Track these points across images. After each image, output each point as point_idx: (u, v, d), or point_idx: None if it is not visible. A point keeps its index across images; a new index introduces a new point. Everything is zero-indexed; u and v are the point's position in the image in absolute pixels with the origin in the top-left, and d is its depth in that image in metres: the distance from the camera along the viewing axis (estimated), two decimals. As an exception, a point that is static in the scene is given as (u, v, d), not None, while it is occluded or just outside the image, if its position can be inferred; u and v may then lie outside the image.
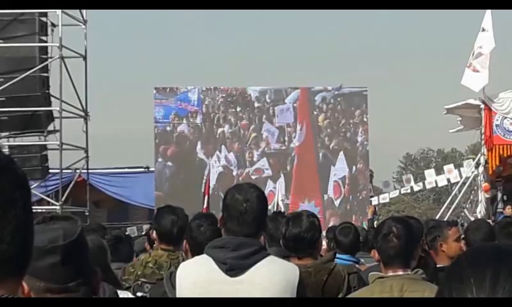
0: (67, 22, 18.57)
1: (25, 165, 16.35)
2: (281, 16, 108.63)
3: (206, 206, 13.32)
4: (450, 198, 22.79)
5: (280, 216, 6.38)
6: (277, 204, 16.45)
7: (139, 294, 5.36)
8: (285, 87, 24.54)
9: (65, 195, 18.35)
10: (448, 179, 22.39)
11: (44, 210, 15.68)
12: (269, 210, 5.24)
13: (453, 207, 22.41)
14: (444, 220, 11.00)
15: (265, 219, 4.19)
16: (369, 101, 23.78)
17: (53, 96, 18.09)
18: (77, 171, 19.78)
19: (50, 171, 18.50)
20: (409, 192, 26.52)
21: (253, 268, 3.87)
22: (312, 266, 5.12)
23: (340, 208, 23.19)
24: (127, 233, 6.85)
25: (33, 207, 1.57)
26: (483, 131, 20.28)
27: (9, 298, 1.36)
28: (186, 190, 22.53)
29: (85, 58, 19.02)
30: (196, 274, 3.96)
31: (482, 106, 20.13)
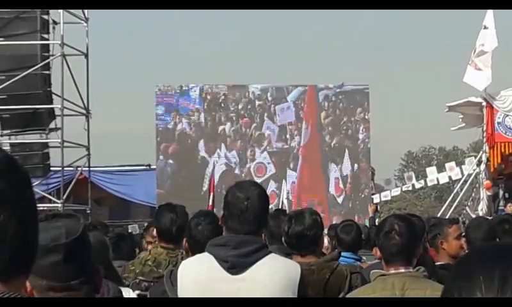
0: (69, 20, 18.56)
1: (26, 163, 16.35)
2: (282, 15, 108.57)
3: (211, 204, 13.31)
4: (451, 196, 22.74)
5: (282, 214, 6.38)
6: (282, 202, 16.43)
7: (136, 292, 5.34)
8: (287, 84, 24.54)
9: (67, 193, 18.34)
10: (449, 177, 22.36)
11: (45, 208, 15.68)
12: (271, 208, 5.24)
13: (455, 205, 22.36)
14: (445, 218, 10.98)
15: (266, 217, 4.18)
16: (371, 99, 23.80)
17: (55, 94, 18.08)
18: (79, 169, 19.76)
19: (51, 169, 18.51)
20: (410, 189, 26.51)
21: (255, 266, 3.86)
22: (315, 264, 5.12)
23: (343, 206, 23.19)
24: (130, 231, 6.84)
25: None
26: (485, 129, 20.25)
27: (11, 297, 1.36)
28: (187, 188, 22.55)
29: (87, 56, 19.01)
30: (198, 272, 3.95)
31: (483, 104, 20.10)
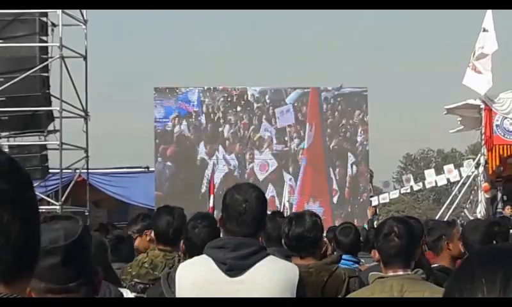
0: (67, 22, 18.56)
1: (25, 165, 16.24)
2: (279, 16, 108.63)
3: (212, 205, 13.28)
4: (450, 198, 22.78)
5: (278, 216, 6.38)
6: (283, 204, 16.40)
7: (133, 294, 5.33)
8: (285, 87, 24.54)
9: (65, 195, 18.34)
10: (448, 179, 22.39)
11: (44, 210, 15.66)
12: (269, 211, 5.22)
13: (453, 207, 22.40)
14: (444, 220, 11.00)
15: (264, 219, 4.18)
16: (369, 101, 23.79)
17: (53, 96, 18.07)
18: (77, 171, 19.76)
19: (50, 171, 18.49)
20: (409, 192, 26.51)
21: (253, 268, 3.86)
22: (314, 266, 5.12)
23: (343, 209, 23.16)
24: (129, 233, 6.79)
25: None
26: (483, 131, 20.28)
27: (11, 298, 1.36)
28: (186, 190, 22.54)
29: (85, 58, 19.00)
30: (196, 274, 3.95)
31: (482, 106, 20.13)
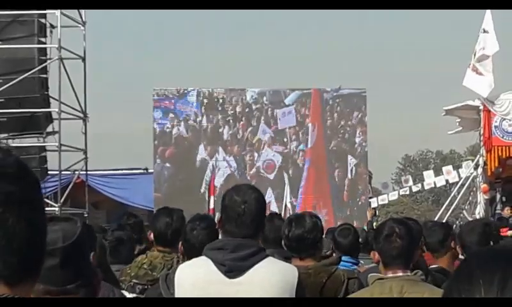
0: (66, 24, 18.55)
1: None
2: (278, 17, 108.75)
3: (213, 207, 13.27)
4: (449, 199, 22.78)
5: (276, 218, 6.38)
6: (285, 205, 16.36)
7: (131, 295, 5.34)
8: (284, 88, 24.55)
9: (64, 196, 18.32)
10: (447, 180, 22.39)
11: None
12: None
13: (452, 208, 22.41)
14: (443, 221, 10.99)
15: (263, 221, 4.18)
16: (368, 102, 23.80)
17: (52, 97, 18.06)
18: (76, 173, 19.75)
19: (49, 173, 18.48)
20: (408, 193, 26.51)
21: (252, 269, 3.87)
22: (313, 267, 5.12)
23: (342, 211, 23.15)
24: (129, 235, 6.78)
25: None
26: (482, 132, 20.28)
27: (9, 298, 1.36)
28: (185, 191, 22.53)
29: (84, 59, 19.00)
30: (195, 276, 3.96)
31: (481, 107, 20.12)
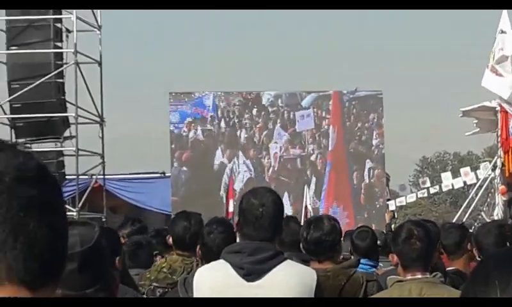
0: (82, 28, 18.59)
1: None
2: (278, 17, 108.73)
3: (232, 210, 13.24)
4: (467, 201, 22.66)
5: (292, 221, 6.36)
6: (305, 207, 16.29)
7: (152, 299, 5.36)
8: (300, 91, 24.53)
9: (82, 201, 18.35)
10: (464, 182, 22.27)
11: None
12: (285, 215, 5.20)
13: (470, 210, 22.29)
14: (461, 223, 10.93)
15: (281, 224, 4.17)
16: (384, 104, 23.75)
17: (68, 102, 18.10)
18: (94, 177, 19.77)
19: (66, 177, 18.52)
20: (425, 195, 26.40)
21: (271, 272, 3.86)
22: (332, 270, 5.11)
23: (360, 214, 23.09)
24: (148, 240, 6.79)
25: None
26: (499, 133, 20.17)
27: (12, 297, 1.34)
28: (202, 195, 22.53)
29: (100, 64, 19.04)
30: (213, 279, 3.95)
31: (498, 108, 20.02)
